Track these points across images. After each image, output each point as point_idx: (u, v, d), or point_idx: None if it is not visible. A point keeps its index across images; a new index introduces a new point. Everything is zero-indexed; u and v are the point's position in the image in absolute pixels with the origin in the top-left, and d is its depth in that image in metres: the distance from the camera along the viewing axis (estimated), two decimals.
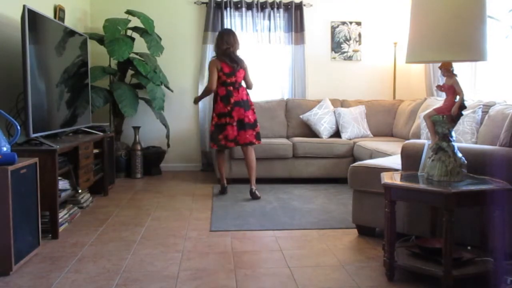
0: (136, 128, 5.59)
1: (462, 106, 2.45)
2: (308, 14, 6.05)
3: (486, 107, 3.75)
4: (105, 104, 5.23)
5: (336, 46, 6.17)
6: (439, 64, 2.52)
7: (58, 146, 3.25)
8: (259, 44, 5.97)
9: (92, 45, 5.07)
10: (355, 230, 3.37)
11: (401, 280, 2.51)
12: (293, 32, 5.96)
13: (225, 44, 4.51)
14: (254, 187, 4.48)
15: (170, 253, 2.93)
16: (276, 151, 5.11)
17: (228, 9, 5.87)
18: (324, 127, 5.46)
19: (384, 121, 5.74)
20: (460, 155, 2.46)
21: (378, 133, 5.67)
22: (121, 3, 5.64)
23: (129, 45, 5.13)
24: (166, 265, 2.74)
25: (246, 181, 5.11)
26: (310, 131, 5.57)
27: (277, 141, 5.23)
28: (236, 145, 4.54)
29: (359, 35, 6.18)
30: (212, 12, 5.82)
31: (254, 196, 4.41)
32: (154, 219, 3.75)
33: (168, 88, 5.65)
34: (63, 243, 3.13)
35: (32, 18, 3.25)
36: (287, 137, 5.62)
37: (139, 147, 5.54)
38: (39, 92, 3.40)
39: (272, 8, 5.92)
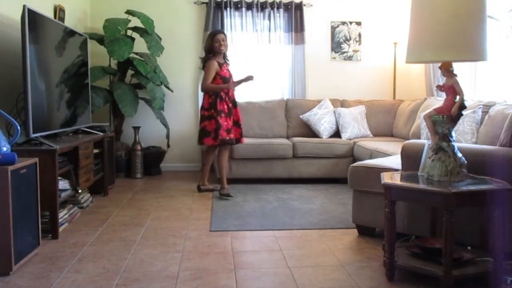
0: (136, 128, 5.59)
1: (462, 106, 2.45)
2: (308, 14, 6.05)
3: (486, 107, 3.75)
4: (105, 104, 5.23)
5: (336, 46, 6.17)
6: (439, 64, 2.52)
7: (58, 146, 3.25)
8: (259, 44, 5.97)
9: (92, 45, 5.07)
10: (355, 230, 3.37)
11: (401, 280, 2.51)
12: (293, 32, 5.96)
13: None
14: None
15: (170, 253, 2.93)
16: (276, 151, 5.11)
17: (228, 9, 5.87)
18: (324, 127, 5.46)
19: (384, 121, 5.74)
20: (460, 155, 2.46)
21: (378, 133, 5.67)
22: (121, 3, 5.64)
23: (129, 45, 5.13)
24: (166, 265, 2.74)
25: (246, 181, 5.13)
26: (310, 131, 5.57)
27: (277, 141, 5.23)
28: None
29: (359, 35, 6.18)
30: (212, 12, 5.82)
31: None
32: (154, 219, 3.75)
33: (168, 88, 5.65)
34: (63, 243, 3.13)
35: (32, 18, 3.25)
36: (287, 137, 5.62)
37: (139, 147, 5.54)
38: (39, 92, 3.40)
39: (272, 8, 5.92)
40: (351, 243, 3.17)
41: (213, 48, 4.56)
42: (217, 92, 4.52)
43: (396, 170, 2.95)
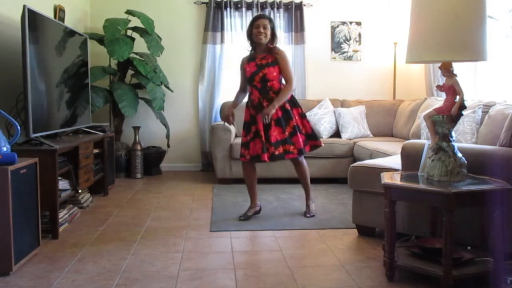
0: (136, 128, 5.59)
1: (462, 106, 2.45)
2: (308, 14, 6.05)
3: (486, 107, 3.75)
4: (105, 104, 5.23)
5: (336, 46, 6.17)
6: (439, 64, 2.52)
7: (58, 146, 3.25)
8: None
9: (92, 45, 5.07)
10: (355, 230, 3.37)
11: (401, 280, 2.51)
12: (293, 32, 5.96)
13: None
14: None
15: (170, 253, 2.93)
16: None
17: (228, 9, 5.87)
18: (324, 127, 5.45)
19: (384, 121, 5.74)
20: (460, 155, 2.46)
21: (378, 133, 5.67)
22: (121, 3, 5.64)
23: (129, 45, 5.13)
24: (166, 265, 2.74)
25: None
26: None
27: None
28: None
29: (359, 35, 6.18)
30: (212, 12, 5.82)
31: None
32: (154, 219, 3.74)
33: (168, 88, 5.65)
34: (63, 243, 3.13)
35: (32, 18, 3.25)
36: None
37: (139, 147, 5.54)
38: (39, 92, 3.40)
39: (272, 8, 5.92)
40: (351, 243, 3.17)
41: (252, 35, 3.69)
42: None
43: (396, 170, 2.95)
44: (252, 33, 3.67)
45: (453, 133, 2.49)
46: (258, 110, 3.65)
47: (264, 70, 3.65)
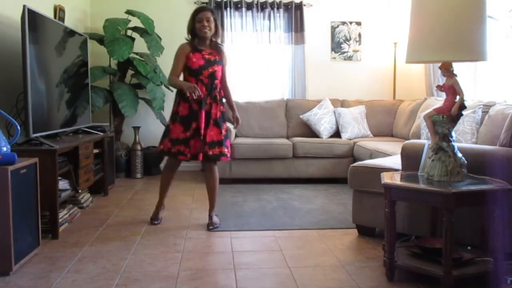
0: (136, 128, 5.59)
1: (462, 106, 2.45)
2: (308, 14, 6.05)
3: (486, 107, 3.75)
4: (105, 104, 5.23)
5: (336, 46, 6.18)
6: (439, 64, 2.52)
7: (58, 146, 3.25)
8: (259, 44, 5.97)
9: (92, 45, 5.07)
10: (355, 230, 3.37)
11: (401, 280, 2.51)
12: (293, 32, 5.96)
13: None
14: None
15: (170, 253, 2.93)
16: (276, 151, 5.11)
17: (228, 9, 5.87)
18: (324, 127, 5.46)
19: (384, 121, 5.74)
20: (460, 155, 2.46)
21: (378, 133, 5.67)
22: (121, 3, 5.64)
23: (129, 45, 5.13)
24: (166, 265, 2.74)
25: (246, 181, 5.12)
26: (310, 131, 5.57)
27: (277, 141, 5.23)
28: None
29: (359, 35, 6.18)
30: None
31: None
32: None
33: (168, 88, 5.65)
34: (63, 243, 3.13)
35: (32, 18, 3.25)
36: (287, 137, 5.62)
37: (139, 147, 5.54)
38: (39, 92, 3.40)
39: (272, 8, 5.93)
40: (351, 243, 3.17)
41: (194, 29, 3.53)
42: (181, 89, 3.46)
43: (396, 170, 2.95)
44: (195, 27, 3.50)
45: (453, 133, 2.49)
46: (201, 105, 3.42)
47: (214, 67, 3.48)
